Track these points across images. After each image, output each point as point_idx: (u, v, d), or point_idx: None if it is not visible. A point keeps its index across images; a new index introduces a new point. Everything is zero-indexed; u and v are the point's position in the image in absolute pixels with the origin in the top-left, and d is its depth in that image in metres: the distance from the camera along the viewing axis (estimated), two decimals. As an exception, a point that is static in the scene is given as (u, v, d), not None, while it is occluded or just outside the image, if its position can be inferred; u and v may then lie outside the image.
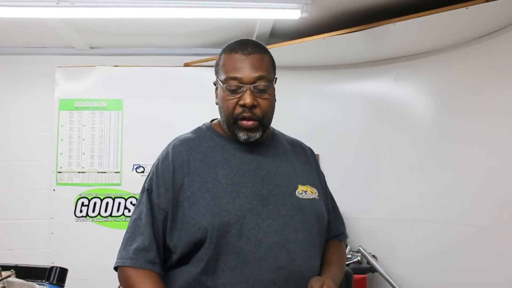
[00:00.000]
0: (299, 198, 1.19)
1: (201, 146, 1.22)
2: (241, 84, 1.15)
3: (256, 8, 2.20)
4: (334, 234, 1.36)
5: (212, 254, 1.09)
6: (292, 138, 1.41)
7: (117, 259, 1.16)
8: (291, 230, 1.14)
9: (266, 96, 1.18)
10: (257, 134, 1.19)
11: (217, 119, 1.32)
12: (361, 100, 2.92)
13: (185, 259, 1.14)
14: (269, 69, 1.20)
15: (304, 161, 1.33)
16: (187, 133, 1.29)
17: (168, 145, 1.25)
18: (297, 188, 1.21)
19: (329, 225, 1.31)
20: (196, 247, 1.11)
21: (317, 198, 1.24)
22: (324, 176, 1.39)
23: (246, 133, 1.18)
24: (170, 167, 1.17)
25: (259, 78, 1.16)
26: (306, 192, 1.22)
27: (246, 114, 1.16)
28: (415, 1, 2.27)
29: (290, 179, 1.22)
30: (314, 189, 1.25)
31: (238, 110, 1.16)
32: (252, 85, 1.16)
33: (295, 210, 1.16)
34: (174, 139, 1.27)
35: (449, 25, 2.23)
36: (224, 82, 1.17)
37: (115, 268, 1.18)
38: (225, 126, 1.22)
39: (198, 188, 1.14)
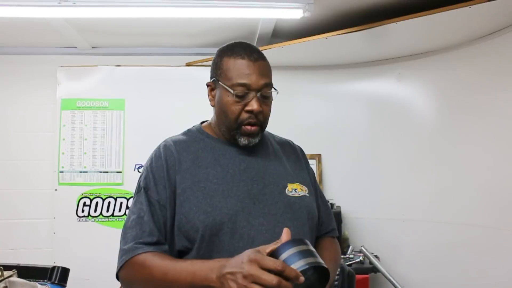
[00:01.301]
0: (289, 196, 1.21)
1: (192, 147, 1.23)
2: (248, 91, 1.16)
3: (258, 8, 2.20)
4: (325, 230, 1.36)
5: (205, 253, 1.10)
6: (281, 138, 1.42)
7: (121, 257, 1.11)
8: (282, 227, 1.12)
9: (268, 102, 1.21)
10: (257, 139, 1.22)
11: (206, 121, 1.33)
12: (363, 100, 2.92)
13: (179, 258, 1.14)
14: (271, 76, 1.23)
15: (294, 159, 1.34)
16: (177, 135, 1.30)
17: (159, 146, 1.25)
18: (286, 186, 1.22)
19: (320, 221, 1.32)
20: (189, 245, 1.12)
21: (307, 195, 1.25)
22: (314, 173, 1.40)
23: (248, 138, 1.20)
24: (164, 166, 1.18)
25: (266, 85, 1.18)
26: (296, 190, 1.23)
27: (252, 120, 1.18)
28: (417, 1, 2.27)
29: (280, 178, 1.23)
30: (304, 186, 1.26)
31: (244, 115, 1.17)
32: (259, 92, 1.17)
33: (285, 208, 1.18)
34: (164, 140, 1.27)
35: (452, 24, 2.22)
36: (231, 87, 1.17)
37: (118, 275, 1.13)
38: (224, 130, 1.22)
39: (189, 186, 1.14)
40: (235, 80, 1.17)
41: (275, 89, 1.22)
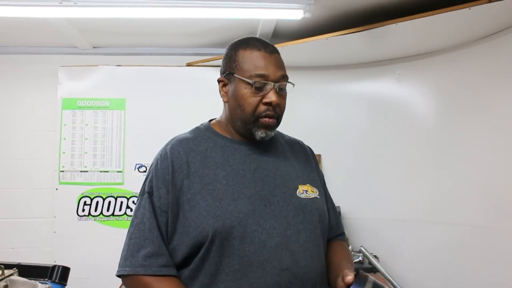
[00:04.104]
0: (300, 198, 1.18)
1: (200, 146, 1.20)
2: (266, 82, 1.15)
3: (258, 8, 2.20)
4: (335, 233, 1.34)
5: (215, 257, 1.07)
6: (291, 137, 1.40)
7: (124, 267, 1.11)
8: (294, 231, 1.12)
9: (284, 95, 1.20)
10: (273, 133, 1.20)
11: (215, 119, 1.31)
12: (363, 100, 2.92)
13: (186, 262, 1.12)
14: (285, 70, 1.22)
15: (304, 160, 1.32)
16: (185, 133, 1.27)
17: (166, 145, 1.22)
18: (297, 188, 1.19)
19: (329, 225, 1.29)
20: (197, 250, 1.09)
21: (318, 197, 1.23)
22: (323, 175, 1.38)
23: (265, 131, 1.17)
24: (170, 168, 1.15)
25: (283, 77, 1.18)
26: (306, 191, 1.20)
27: (270, 113, 1.16)
28: (418, 2, 2.27)
29: (291, 179, 1.20)
30: (314, 188, 1.24)
31: (262, 108, 1.15)
32: (277, 83, 1.16)
33: (296, 211, 1.15)
34: (171, 139, 1.24)
35: (452, 25, 2.22)
36: (250, 79, 1.15)
37: (120, 276, 1.13)
38: (239, 125, 1.19)
39: (198, 190, 1.12)
40: (253, 72, 1.15)
41: (290, 82, 1.20)
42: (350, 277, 0.97)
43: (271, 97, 1.14)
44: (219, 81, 1.25)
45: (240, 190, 1.13)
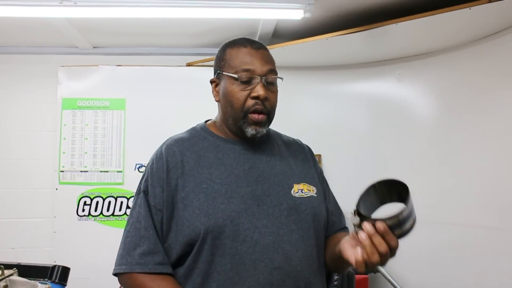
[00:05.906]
0: (295, 197, 1.18)
1: (195, 146, 1.21)
2: (253, 76, 1.15)
3: (258, 8, 2.20)
4: (338, 228, 1.33)
5: (207, 256, 1.08)
6: (289, 137, 1.40)
7: (121, 265, 1.12)
8: (286, 230, 1.12)
9: (274, 89, 1.20)
10: (264, 130, 1.19)
11: (211, 119, 1.32)
12: (363, 101, 2.92)
13: (180, 261, 1.13)
14: (275, 65, 1.21)
15: (302, 159, 1.32)
16: (181, 133, 1.28)
17: (162, 145, 1.23)
18: (292, 187, 1.19)
19: (330, 221, 1.29)
20: (190, 248, 1.10)
21: (315, 195, 1.23)
22: (321, 171, 1.37)
23: (255, 128, 1.17)
24: (165, 167, 1.16)
25: (270, 71, 1.17)
26: (302, 190, 1.20)
27: (258, 107, 1.15)
28: (417, 2, 2.27)
29: (285, 178, 1.20)
30: (311, 186, 1.24)
31: (250, 102, 1.15)
32: (264, 77, 1.16)
33: (290, 210, 1.15)
34: (167, 139, 1.25)
35: (452, 25, 2.22)
36: (236, 74, 1.16)
37: (117, 274, 1.14)
38: (231, 122, 1.20)
39: (192, 189, 1.12)
40: (239, 67, 1.16)
41: (279, 77, 1.20)
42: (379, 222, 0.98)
43: (259, 90, 1.14)
44: (211, 82, 1.26)
45: (234, 189, 1.13)
